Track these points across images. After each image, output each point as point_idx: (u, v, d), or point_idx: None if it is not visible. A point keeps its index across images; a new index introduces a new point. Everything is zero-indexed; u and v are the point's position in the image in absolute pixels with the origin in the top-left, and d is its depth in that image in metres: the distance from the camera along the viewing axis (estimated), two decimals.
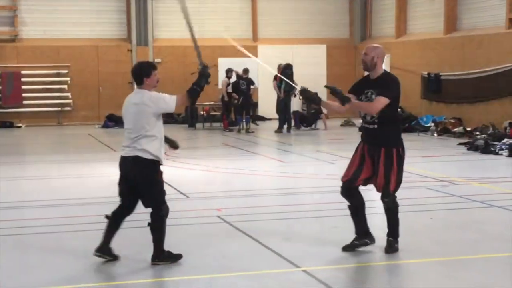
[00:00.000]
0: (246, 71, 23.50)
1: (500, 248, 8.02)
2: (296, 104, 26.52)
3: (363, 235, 7.86)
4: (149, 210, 7.43)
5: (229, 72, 23.97)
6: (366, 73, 8.00)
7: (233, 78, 23.82)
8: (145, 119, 7.30)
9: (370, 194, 8.17)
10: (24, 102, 26.21)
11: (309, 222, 9.38)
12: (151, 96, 7.36)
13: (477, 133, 19.77)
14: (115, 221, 7.49)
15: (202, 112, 25.77)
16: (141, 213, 7.70)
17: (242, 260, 7.67)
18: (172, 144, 8.26)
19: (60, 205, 11.00)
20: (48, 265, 7.50)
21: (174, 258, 7.46)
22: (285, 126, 22.86)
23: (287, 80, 9.93)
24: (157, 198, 7.38)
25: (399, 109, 25.80)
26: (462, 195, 11.25)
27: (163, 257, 7.38)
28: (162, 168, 7.55)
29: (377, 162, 7.62)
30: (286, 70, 23.09)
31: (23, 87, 26.18)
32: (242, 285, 6.82)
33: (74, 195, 11.73)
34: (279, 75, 10.34)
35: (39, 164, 16.06)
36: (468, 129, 20.75)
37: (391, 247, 7.74)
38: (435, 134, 21.22)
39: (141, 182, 7.33)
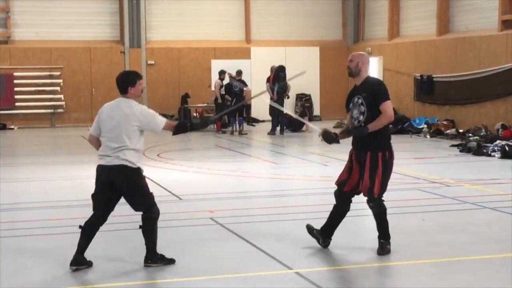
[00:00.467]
0: (239, 73, 23.50)
1: (491, 249, 8.04)
2: (289, 106, 26.56)
3: (325, 234, 8.06)
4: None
5: (222, 73, 23.96)
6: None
7: (226, 80, 23.82)
8: (132, 132, 7.19)
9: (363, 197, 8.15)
10: (17, 104, 26.19)
11: (302, 224, 9.36)
12: (142, 110, 7.25)
13: (470, 135, 19.83)
14: (90, 230, 7.37)
15: (195, 114, 25.77)
16: (134, 215, 7.69)
17: (235, 261, 7.67)
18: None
19: (53, 206, 10.99)
20: (40, 267, 7.49)
21: (167, 261, 7.45)
22: (278, 128, 22.88)
23: (279, 106, 9.83)
24: (147, 202, 7.32)
25: None
26: (454, 197, 11.27)
27: (156, 259, 7.38)
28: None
29: (363, 166, 7.70)
30: (279, 72, 23.12)
31: (16, 89, 26.15)
32: (235, 287, 6.82)
33: (67, 196, 11.72)
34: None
35: (32, 166, 16.03)
36: (461, 131, 20.80)
37: (383, 249, 7.78)
38: (428, 136, 21.26)
39: (128, 190, 7.25)
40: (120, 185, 7.24)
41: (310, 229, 8.19)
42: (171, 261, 7.48)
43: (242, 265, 7.52)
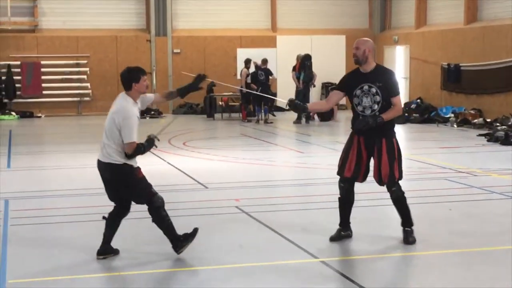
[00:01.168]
0: (264, 61, 23.46)
1: None
2: (315, 95, 26.48)
3: (347, 227, 8.02)
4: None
5: (248, 62, 23.95)
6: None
7: (252, 69, 23.80)
8: (115, 134, 7.12)
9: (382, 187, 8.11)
10: (44, 92, 26.35)
11: (327, 213, 9.37)
12: (125, 116, 7.11)
13: (497, 124, 19.66)
14: (113, 221, 7.39)
15: (220, 103, 25.80)
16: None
17: (260, 250, 7.69)
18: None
19: (80, 194, 11.07)
20: (66, 254, 7.54)
21: (191, 236, 7.39)
22: (304, 117, 22.84)
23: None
24: (145, 194, 7.25)
25: (418, 100, 25.36)
26: (481, 187, 11.20)
27: (180, 244, 7.34)
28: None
29: (379, 152, 7.72)
30: (305, 60, 23.10)
31: (43, 77, 26.31)
32: (260, 275, 6.83)
33: (94, 185, 11.75)
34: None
35: (59, 154, 16.15)
36: (488, 120, 20.64)
37: (409, 237, 7.78)
38: (455, 125, 21.12)
39: (121, 186, 7.21)
40: (114, 182, 7.22)
41: (335, 237, 7.97)
42: (195, 232, 7.39)
43: (267, 254, 7.53)
